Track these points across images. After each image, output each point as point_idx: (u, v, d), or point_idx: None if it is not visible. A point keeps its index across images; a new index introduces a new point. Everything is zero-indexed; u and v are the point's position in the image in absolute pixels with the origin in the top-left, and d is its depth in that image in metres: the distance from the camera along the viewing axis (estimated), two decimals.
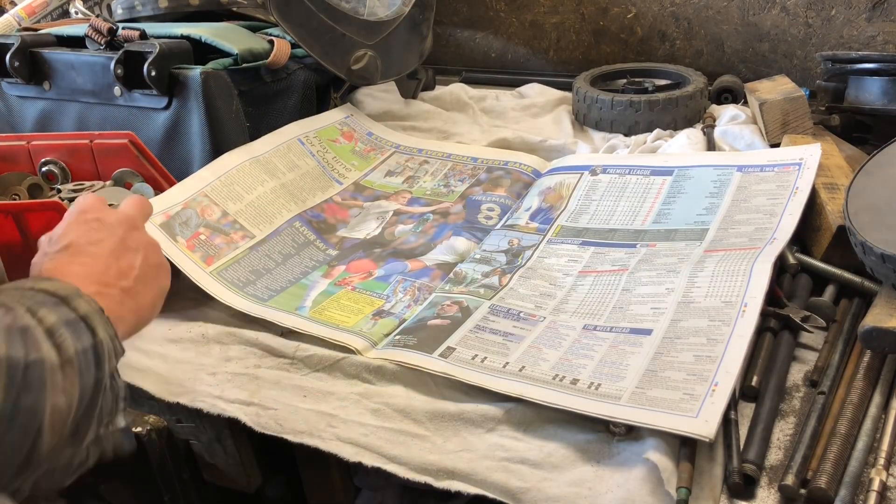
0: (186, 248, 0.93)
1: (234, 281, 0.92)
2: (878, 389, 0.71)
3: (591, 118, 1.28)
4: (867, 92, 1.10)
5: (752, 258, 0.82)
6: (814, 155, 0.96)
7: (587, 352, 0.77)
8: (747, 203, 0.93)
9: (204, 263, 0.93)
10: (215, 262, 0.93)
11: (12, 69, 1.17)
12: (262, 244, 0.99)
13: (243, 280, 0.93)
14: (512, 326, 0.83)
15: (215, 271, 0.92)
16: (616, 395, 0.70)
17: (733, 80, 1.31)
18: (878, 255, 0.75)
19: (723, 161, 1.02)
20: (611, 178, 1.06)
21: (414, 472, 0.68)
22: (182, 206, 0.98)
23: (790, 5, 1.33)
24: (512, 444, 0.69)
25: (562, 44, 1.55)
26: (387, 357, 0.79)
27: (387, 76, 1.31)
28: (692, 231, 0.93)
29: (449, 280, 0.93)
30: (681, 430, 0.64)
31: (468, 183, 1.14)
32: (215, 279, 0.91)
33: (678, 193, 1.00)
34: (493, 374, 0.75)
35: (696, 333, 0.75)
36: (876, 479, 0.62)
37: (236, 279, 0.92)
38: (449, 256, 0.99)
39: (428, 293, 0.91)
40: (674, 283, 0.84)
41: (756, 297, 0.76)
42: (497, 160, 1.18)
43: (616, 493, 0.63)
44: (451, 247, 1.00)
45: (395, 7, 1.28)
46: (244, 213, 1.02)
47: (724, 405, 0.66)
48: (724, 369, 0.69)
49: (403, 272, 0.96)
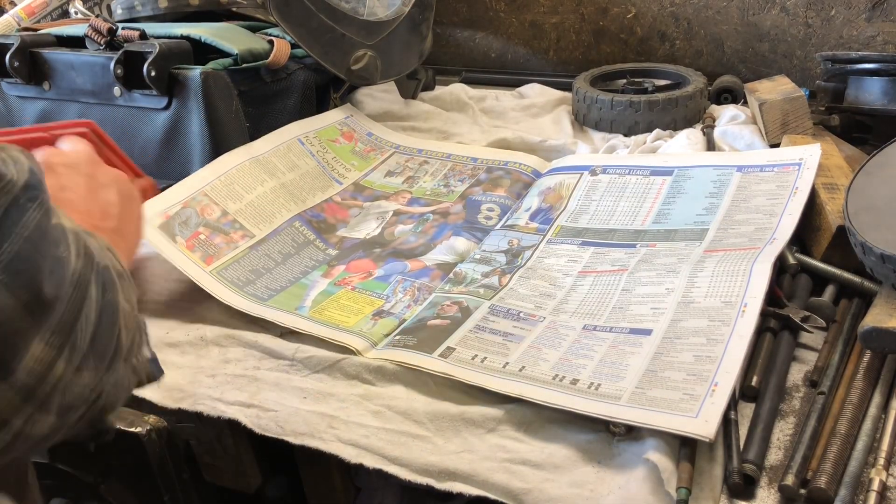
0: (186, 248, 0.93)
1: (233, 280, 0.92)
2: (878, 389, 0.71)
3: (591, 118, 1.28)
4: (867, 92, 1.10)
5: (752, 258, 0.82)
6: (813, 155, 0.96)
7: (587, 352, 0.77)
8: (747, 203, 0.93)
9: (203, 263, 0.93)
10: (215, 262, 0.93)
11: (12, 69, 1.17)
12: (261, 244, 0.99)
13: (243, 280, 0.93)
14: (512, 326, 0.83)
15: (215, 270, 0.92)
16: (616, 395, 0.70)
17: (733, 81, 1.31)
18: (878, 255, 0.75)
19: (722, 161, 1.02)
20: (610, 178, 1.06)
21: (415, 473, 0.68)
22: (182, 205, 0.98)
23: (790, 5, 1.33)
24: (513, 445, 0.69)
25: (562, 44, 1.55)
26: (387, 357, 0.79)
27: (386, 76, 1.31)
28: (692, 231, 0.93)
29: (449, 280, 0.93)
30: (681, 431, 0.64)
31: (468, 183, 1.13)
32: (215, 278, 0.91)
33: (678, 194, 1.00)
34: (493, 375, 0.75)
35: (695, 333, 0.75)
36: (876, 479, 0.62)
37: (236, 279, 0.92)
38: (449, 256, 0.99)
39: (428, 293, 0.91)
40: (673, 283, 0.84)
41: (756, 298, 0.76)
42: (497, 160, 1.18)
43: (617, 495, 0.63)
44: (451, 247, 1.00)
45: (395, 7, 1.28)
46: (244, 213, 1.02)
47: (724, 405, 0.66)
48: (724, 369, 0.69)
49: (403, 272, 0.96)
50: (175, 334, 0.87)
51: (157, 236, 0.92)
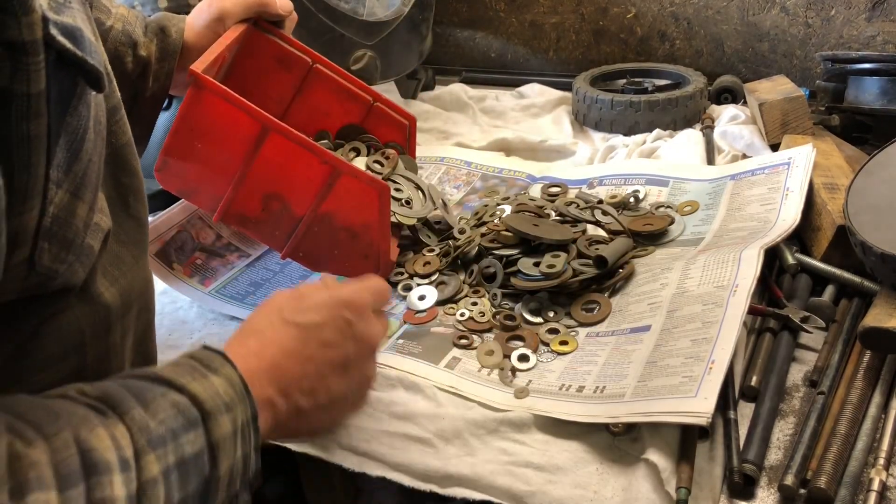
0: (184, 275, 0.93)
1: (233, 295, 0.92)
2: (878, 389, 0.71)
3: (591, 118, 1.28)
4: (867, 92, 1.10)
5: (741, 249, 0.82)
6: (801, 153, 0.96)
7: (591, 357, 0.77)
8: (741, 212, 0.93)
9: (202, 286, 0.93)
10: (213, 283, 0.93)
11: None
12: (258, 260, 0.99)
13: (243, 293, 0.93)
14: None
15: (214, 290, 0.92)
16: (620, 393, 0.70)
17: (733, 80, 1.31)
18: (878, 255, 0.75)
19: (716, 174, 1.02)
20: (607, 189, 1.05)
21: (419, 480, 0.68)
22: (177, 229, 0.97)
23: (790, 5, 1.33)
24: (515, 448, 0.69)
25: (561, 44, 1.55)
26: (392, 365, 0.79)
27: (386, 76, 1.31)
28: (688, 241, 0.92)
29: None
30: (680, 411, 0.64)
31: (464, 190, 1.13)
32: (215, 297, 0.92)
33: (673, 205, 0.99)
34: (499, 389, 0.75)
35: (691, 320, 0.75)
36: (876, 479, 0.62)
37: (236, 293, 0.92)
38: None
39: None
40: (668, 277, 0.84)
41: (746, 278, 0.76)
42: (492, 167, 1.17)
43: (620, 497, 0.63)
44: None
45: (395, 7, 1.28)
46: (238, 234, 1.00)
47: (722, 379, 0.66)
48: (720, 346, 0.69)
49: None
50: (176, 336, 0.87)
51: (154, 265, 0.91)
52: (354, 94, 1.01)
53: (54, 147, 0.44)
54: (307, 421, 0.57)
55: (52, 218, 0.46)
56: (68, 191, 0.47)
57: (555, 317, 0.84)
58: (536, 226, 0.90)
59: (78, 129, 0.47)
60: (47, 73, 0.41)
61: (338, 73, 1.00)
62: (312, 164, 0.79)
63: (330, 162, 0.80)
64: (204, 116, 0.77)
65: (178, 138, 0.78)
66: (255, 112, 0.77)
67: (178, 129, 0.77)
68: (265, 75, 0.95)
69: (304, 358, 0.56)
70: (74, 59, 0.43)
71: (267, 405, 0.53)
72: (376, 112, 1.03)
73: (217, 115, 0.77)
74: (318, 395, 0.57)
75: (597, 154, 1.19)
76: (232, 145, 0.79)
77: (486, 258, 0.90)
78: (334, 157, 0.80)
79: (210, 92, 0.75)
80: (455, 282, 0.89)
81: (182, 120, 0.77)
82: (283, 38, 0.95)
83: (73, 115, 0.46)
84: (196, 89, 0.75)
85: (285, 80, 0.98)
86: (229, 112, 0.77)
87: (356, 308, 0.60)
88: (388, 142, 1.03)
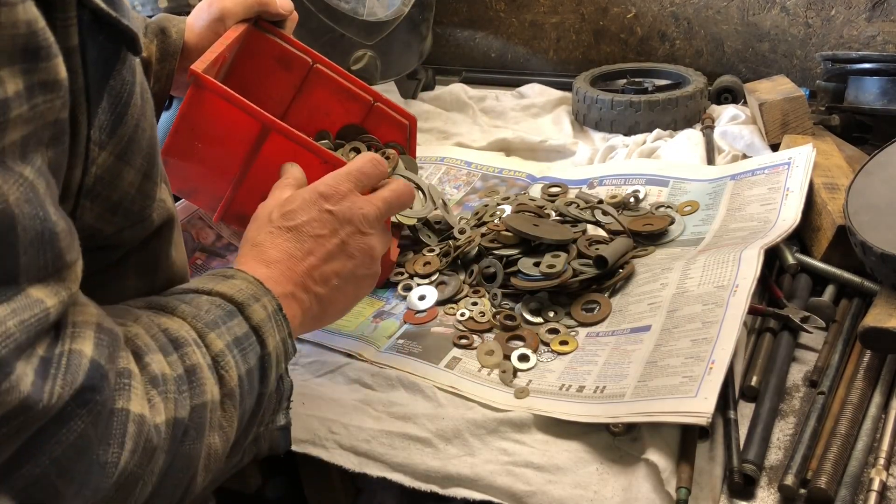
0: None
1: None
2: (878, 389, 0.71)
3: (591, 118, 1.28)
4: (867, 92, 1.10)
5: (741, 249, 0.82)
6: (802, 153, 0.96)
7: (591, 357, 0.77)
8: (741, 212, 0.93)
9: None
10: None
11: None
12: None
13: None
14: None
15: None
16: (620, 393, 0.70)
17: (733, 80, 1.31)
18: (878, 255, 0.75)
19: (717, 175, 1.02)
20: (607, 189, 1.05)
21: (419, 480, 0.68)
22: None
23: (790, 5, 1.33)
24: (515, 448, 0.69)
25: (562, 44, 1.55)
26: (391, 364, 0.79)
27: (386, 76, 1.31)
28: (688, 241, 0.93)
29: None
30: (681, 411, 0.64)
31: (464, 190, 1.13)
32: None
33: (674, 205, 0.99)
34: (500, 389, 0.75)
35: (691, 320, 0.75)
36: (876, 479, 0.62)
37: None
38: None
39: None
40: (668, 277, 0.84)
41: (746, 279, 0.76)
42: (492, 167, 1.17)
43: (620, 497, 0.63)
44: None
45: (395, 7, 1.28)
46: (238, 234, 1.00)
47: (722, 379, 0.66)
48: (720, 346, 0.69)
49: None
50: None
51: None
52: (355, 94, 1.01)
53: (95, 108, 0.45)
54: (332, 303, 0.65)
55: (95, 178, 0.47)
56: (112, 153, 0.48)
57: (555, 317, 0.84)
58: (536, 226, 0.90)
59: (122, 93, 0.48)
60: (81, 31, 0.42)
61: (338, 73, 1.00)
62: (313, 164, 0.79)
63: (330, 162, 0.80)
64: (204, 116, 0.77)
65: (179, 138, 0.78)
66: (256, 112, 0.77)
67: (179, 129, 0.77)
68: (265, 75, 0.95)
69: (305, 253, 0.63)
70: (109, 20, 0.44)
71: (290, 299, 0.59)
72: (377, 112, 1.03)
73: (217, 114, 0.77)
74: (329, 280, 0.64)
75: (597, 154, 1.19)
76: (232, 145, 0.79)
77: (486, 258, 0.90)
78: (335, 157, 0.80)
79: (210, 92, 0.75)
80: (455, 282, 0.89)
81: (182, 120, 0.77)
82: (284, 38, 0.95)
83: (115, 79, 0.47)
84: (196, 89, 0.75)
85: (286, 80, 0.98)
86: (230, 112, 0.77)
87: (334, 196, 0.66)
88: (389, 142, 1.03)
